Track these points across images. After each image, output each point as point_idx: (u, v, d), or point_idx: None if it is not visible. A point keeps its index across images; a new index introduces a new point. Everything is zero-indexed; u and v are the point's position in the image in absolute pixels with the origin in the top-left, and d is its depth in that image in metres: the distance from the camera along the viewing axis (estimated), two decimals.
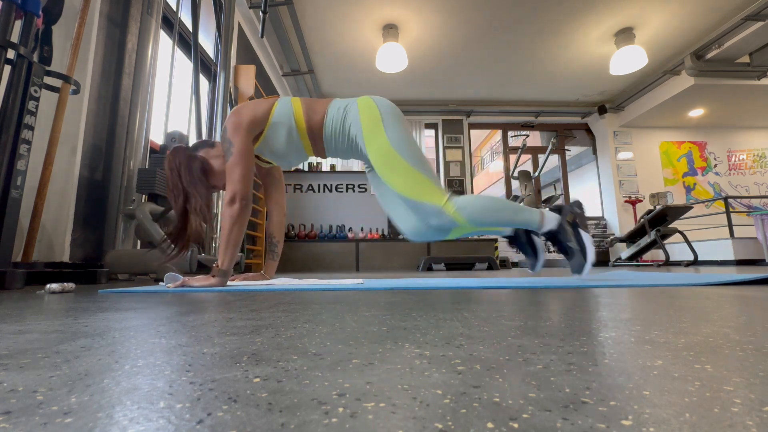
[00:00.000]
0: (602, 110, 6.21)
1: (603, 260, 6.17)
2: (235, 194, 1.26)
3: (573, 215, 1.24)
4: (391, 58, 4.35)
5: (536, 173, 5.41)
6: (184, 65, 3.28)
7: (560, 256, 5.73)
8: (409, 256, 4.90)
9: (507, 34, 4.45)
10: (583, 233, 1.22)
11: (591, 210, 6.81)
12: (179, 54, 3.15)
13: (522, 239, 1.41)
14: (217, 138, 2.79)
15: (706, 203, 5.87)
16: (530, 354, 0.31)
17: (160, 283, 1.63)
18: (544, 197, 6.37)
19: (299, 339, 0.39)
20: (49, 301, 0.83)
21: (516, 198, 5.22)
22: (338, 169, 5.87)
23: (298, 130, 1.31)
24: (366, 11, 4.01)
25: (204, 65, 3.47)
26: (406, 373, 0.26)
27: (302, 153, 1.38)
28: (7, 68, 1.48)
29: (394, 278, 1.77)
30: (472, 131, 6.81)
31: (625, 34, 4.39)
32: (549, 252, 5.83)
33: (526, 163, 10.25)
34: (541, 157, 6.58)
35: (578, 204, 1.28)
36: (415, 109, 6.28)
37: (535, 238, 1.43)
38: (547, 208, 1.26)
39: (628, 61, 4.48)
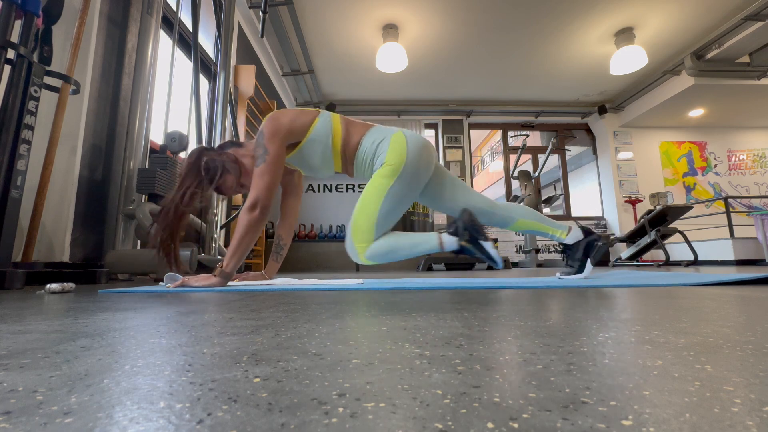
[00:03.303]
0: (602, 110, 6.21)
1: (603, 260, 6.17)
2: (257, 201, 1.26)
3: (468, 234, 1.28)
4: (391, 58, 4.34)
5: (536, 173, 5.41)
6: (184, 65, 3.28)
7: (560, 257, 5.73)
8: None
9: (507, 34, 4.45)
10: (483, 243, 1.29)
11: (591, 210, 6.81)
12: (179, 54, 3.15)
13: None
14: (218, 139, 2.79)
15: (706, 203, 5.87)
16: (530, 354, 0.31)
17: (160, 283, 1.63)
18: (544, 197, 6.37)
19: (299, 339, 0.39)
20: (49, 301, 0.83)
21: (516, 198, 5.22)
22: None
23: (332, 149, 1.36)
24: (366, 11, 4.01)
25: (204, 65, 3.47)
26: (406, 373, 0.26)
27: (331, 169, 1.43)
28: (7, 68, 1.48)
29: (394, 278, 1.77)
30: (472, 131, 6.80)
31: (625, 34, 4.39)
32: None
33: (526, 163, 10.24)
34: (541, 157, 6.57)
35: (469, 217, 1.30)
36: (415, 109, 6.28)
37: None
38: (445, 232, 1.32)
39: (628, 61, 4.48)
